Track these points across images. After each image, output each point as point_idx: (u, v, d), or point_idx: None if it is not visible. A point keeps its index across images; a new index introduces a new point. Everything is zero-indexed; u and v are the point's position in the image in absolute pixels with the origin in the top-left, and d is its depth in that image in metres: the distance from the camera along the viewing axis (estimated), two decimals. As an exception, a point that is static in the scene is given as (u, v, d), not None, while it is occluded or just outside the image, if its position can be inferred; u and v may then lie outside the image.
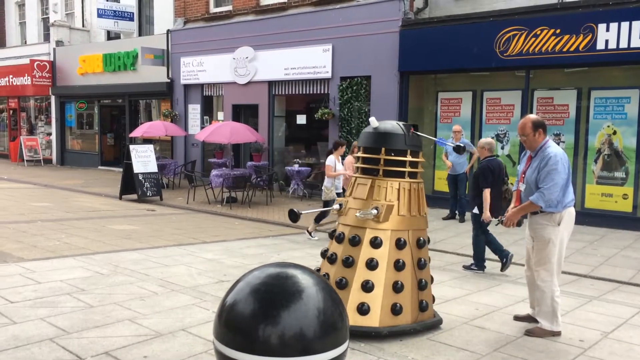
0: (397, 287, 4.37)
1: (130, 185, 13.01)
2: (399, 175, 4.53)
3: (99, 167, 20.48)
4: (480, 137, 11.46)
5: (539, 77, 10.89)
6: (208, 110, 16.81)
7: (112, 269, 6.33)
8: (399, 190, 4.51)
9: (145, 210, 11.79)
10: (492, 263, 7.28)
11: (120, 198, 13.15)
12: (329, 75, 13.29)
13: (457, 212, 10.59)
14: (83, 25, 21.37)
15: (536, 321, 4.69)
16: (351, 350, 3.92)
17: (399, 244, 4.46)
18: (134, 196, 12.96)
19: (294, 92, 14.43)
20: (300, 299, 2.60)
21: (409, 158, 4.54)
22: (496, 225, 4.97)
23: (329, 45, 13.19)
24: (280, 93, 14.75)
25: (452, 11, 11.62)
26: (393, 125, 4.65)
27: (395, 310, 4.35)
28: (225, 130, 12.59)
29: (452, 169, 10.36)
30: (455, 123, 11.22)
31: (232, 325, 2.58)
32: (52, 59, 21.40)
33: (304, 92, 14.17)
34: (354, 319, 4.14)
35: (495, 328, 4.77)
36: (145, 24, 19.35)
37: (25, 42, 24.43)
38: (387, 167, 4.53)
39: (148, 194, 13.00)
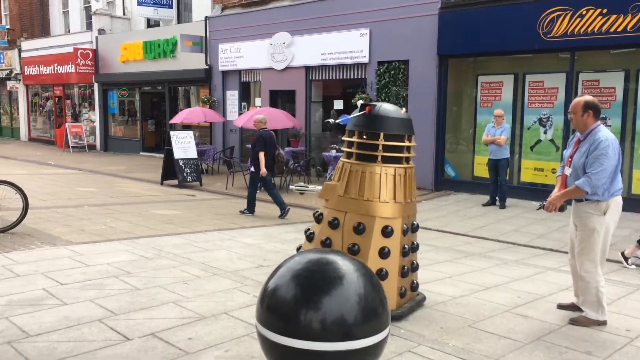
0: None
1: (171, 170, 13.27)
2: (347, 156, 4.68)
3: (141, 153, 20.95)
4: (522, 121, 11.22)
5: (585, 59, 10.53)
6: (246, 97, 16.94)
7: (156, 252, 6.50)
8: (341, 170, 4.64)
9: (185, 195, 12.02)
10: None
11: (162, 183, 13.44)
12: (366, 59, 13.19)
13: (497, 198, 10.41)
14: (124, 14, 21.76)
15: (580, 310, 4.60)
16: (392, 336, 3.93)
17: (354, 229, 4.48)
18: (175, 181, 13.22)
19: (330, 78, 14.38)
20: (341, 285, 2.62)
21: (355, 139, 4.57)
22: (537, 209, 4.85)
23: (366, 29, 13.06)
24: (317, 78, 14.73)
25: (493, -8, 11.32)
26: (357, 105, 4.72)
27: None
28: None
29: (493, 153, 10.17)
30: (496, 107, 10.99)
31: (274, 309, 2.63)
32: (94, 47, 21.90)
33: (341, 77, 14.11)
34: None
35: (538, 316, 4.70)
36: (183, 11, 19.57)
37: (69, 31, 25.05)
38: (345, 148, 4.75)
39: (188, 179, 13.25)
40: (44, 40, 25.02)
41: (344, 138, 4.77)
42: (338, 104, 14.40)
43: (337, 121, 4.86)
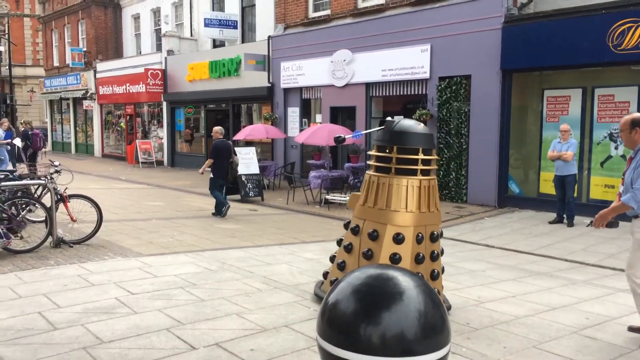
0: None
1: (234, 186, 13.62)
2: (370, 168, 5.07)
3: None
4: (591, 136, 10.83)
5: (659, 71, 10.08)
6: (306, 113, 17.21)
7: (219, 265, 6.70)
8: (367, 182, 4.99)
9: (247, 210, 12.30)
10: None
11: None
12: (427, 75, 13.13)
13: (564, 215, 10.05)
14: (191, 35, 22.67)
15: (654, 334, 4.39)
16: (452, 354, 3.88)
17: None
18: (237, 196, 13.55)
19: (391, 94, 14.40)
20: (400, 300, 2.63)
21: (373, 152, 4.97)
22: (587, 226, 4.81)
23: (427, 45, 13.03)
24: (377, 95, 14.79)
25: (559, 5, 11.05)
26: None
27: None
28: (323, 132, 12.84)
29: (559, 169, 9.86)
30: (562, 122, 10.67)
31: (335, 323, 2.67)
32: (163, 68, 22.92)
33: (402, 93, 14.10)
34: None
35: (608, 339, 4.52)
36: (248, 32, 20.18)
37: (140, 52, 26.35)
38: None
39: (250, 194, 13.56)
40: (117, 61, 26.40)
41: (369, 152, 5.13)
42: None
43: (348, 136, 5.39)
